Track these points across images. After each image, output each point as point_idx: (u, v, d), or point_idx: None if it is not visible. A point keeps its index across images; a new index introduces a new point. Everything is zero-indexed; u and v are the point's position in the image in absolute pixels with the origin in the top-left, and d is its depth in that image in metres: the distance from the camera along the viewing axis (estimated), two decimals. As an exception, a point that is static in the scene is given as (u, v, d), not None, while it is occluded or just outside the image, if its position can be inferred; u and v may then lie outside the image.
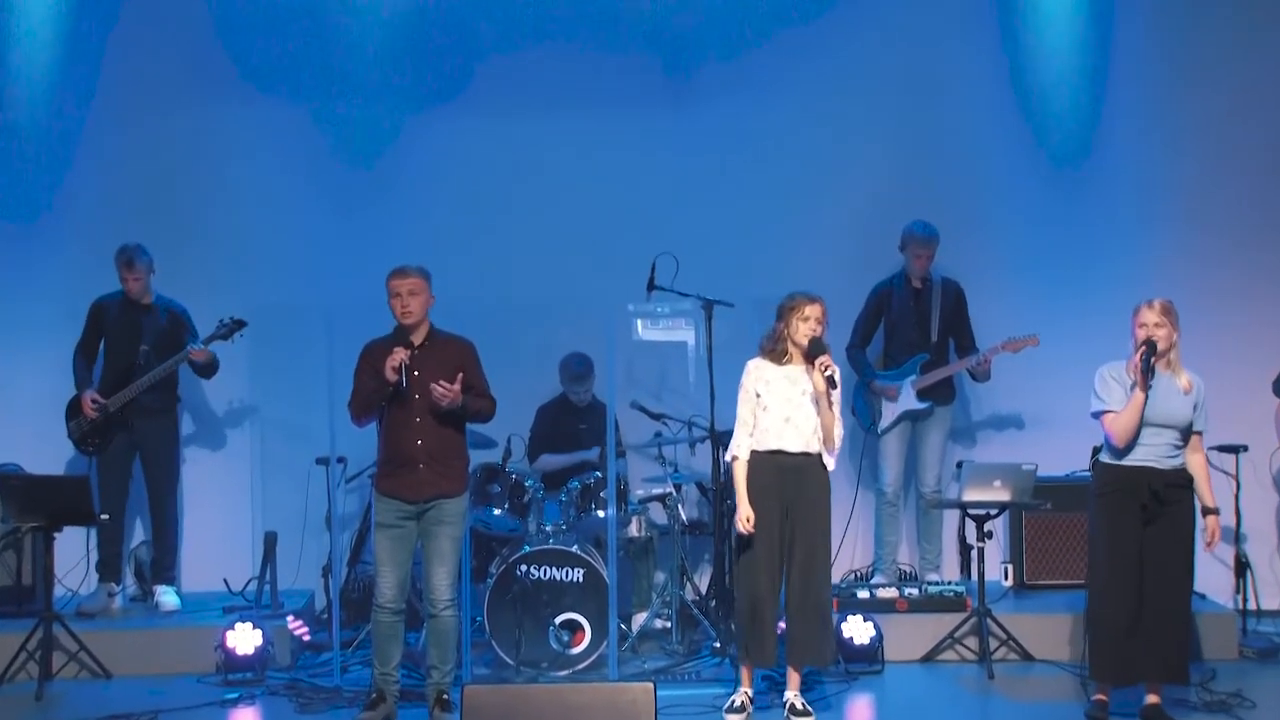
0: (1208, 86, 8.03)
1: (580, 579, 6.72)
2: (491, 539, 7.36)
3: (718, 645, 6.88)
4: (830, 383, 5.86)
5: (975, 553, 6.83)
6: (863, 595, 7.12)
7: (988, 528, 6.82)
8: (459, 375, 5.90)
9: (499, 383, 6.15)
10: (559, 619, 6.69)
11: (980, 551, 6.81)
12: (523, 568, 6.70)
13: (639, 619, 7.25)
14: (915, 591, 7.12)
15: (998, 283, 7.96)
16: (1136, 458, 5.77)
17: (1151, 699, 5.89)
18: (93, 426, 7.19)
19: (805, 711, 5.98)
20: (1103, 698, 5.92)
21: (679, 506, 7.29)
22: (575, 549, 6.79)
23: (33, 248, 7.88)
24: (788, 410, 5.95)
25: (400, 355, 5.82)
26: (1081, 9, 8.13)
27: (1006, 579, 7.67)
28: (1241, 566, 7.43)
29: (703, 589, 7.58)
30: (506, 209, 7.99)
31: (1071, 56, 8.12)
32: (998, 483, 6.78)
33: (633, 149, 8.03)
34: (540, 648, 6.66)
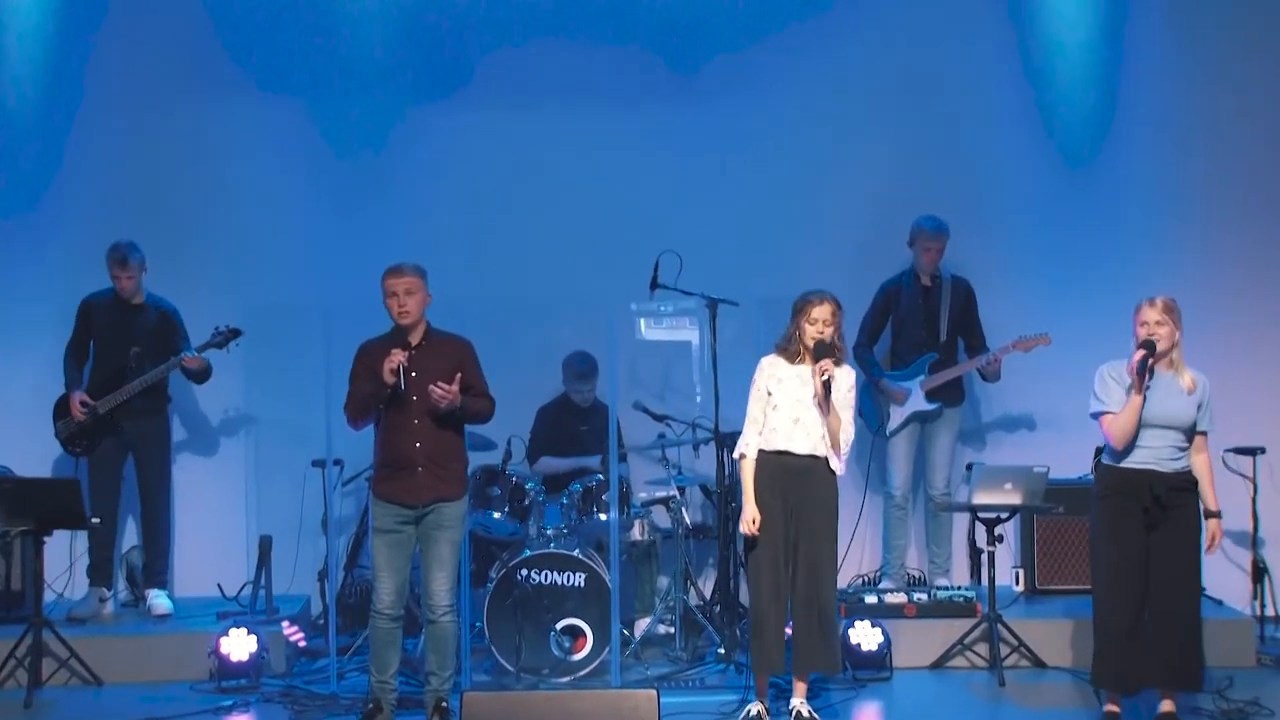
0: (1220, 85, 8.01)
1: (582, 584, 6.70)
2: (491, 543, 7.33)
3: (722, 651, 6.85)
4: (826, 388, 5.78)
5: (985, 557, 6.80)
6: (870, 600, 7.09)
7: (998, 531, 6.79)
8: (457, 376, 5.85)
9: (498, 383, 6.12)
10: (560, 625, 6.65)
11: (991, 556, 6.77)
12: (523, 572, 6.68)
13: (642, 624, 7.23)
14: (924, 597, 7.09)
15: (1008, 281, 7.93)
16: (1138, 459, 5.73)
17: (1166, 706, 5.84)
18: (81, 428, 7.15)
19: (811, 719, 5.92)
20: (1114, 708, 5.87)
21: (683, 510, 7.28)
22: (577, 553, 6.75)
23: (22, 246, 7.82)
24: (797, 411, 5.89)
25: (398, 357, 5.76)
26: (1094, 5, 8.09)
27: (1018, 584, 7.65)
28: (1259, 572, 7.41)
29: (707, 594, 7.55)
30: (507, 207, 7.97)
31: (1083, 53, 8.09)
32: (1008, 485, 6.74)
33: (635, 146, 8.01)
34: (541, 654, 6.63)
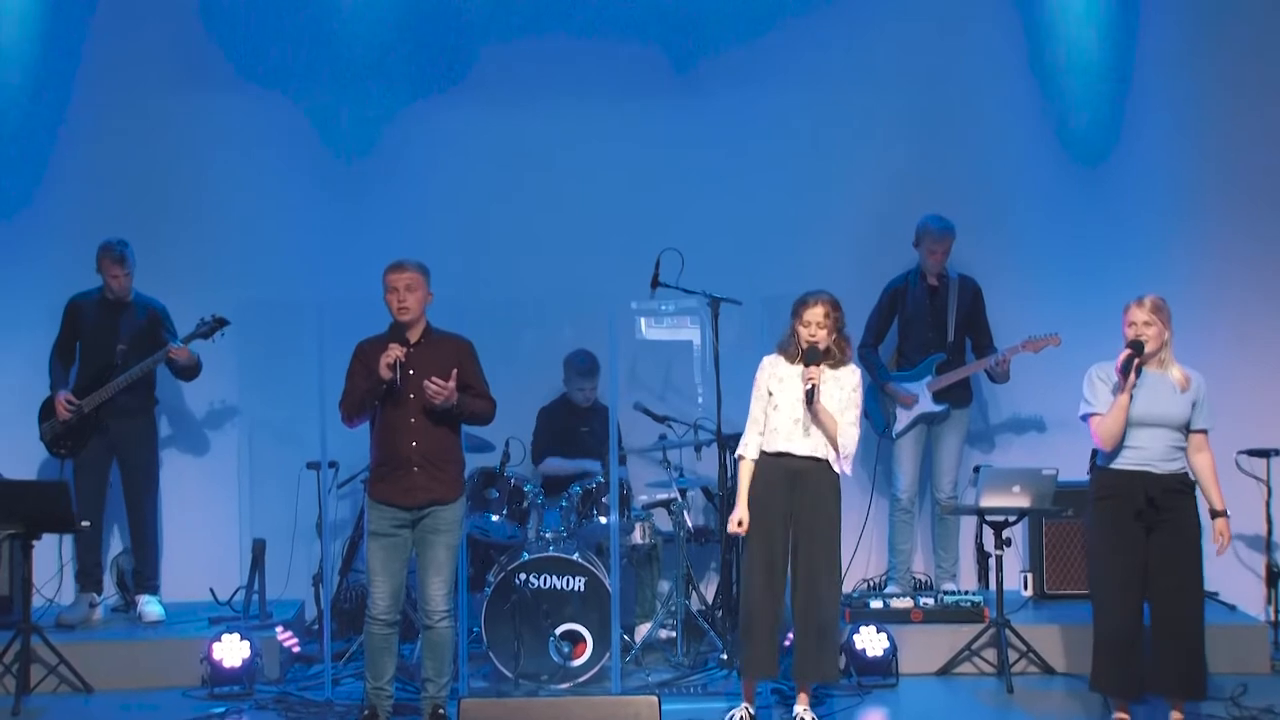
0: (1233, 83, 7.96)
1: (582, 588, 6.68)
2: (489, 546, 7.31)
3: (724, 657, 6.84)
4: (808, 398, 5.76)
5: (993, 561, 6.77)
6: (876, 605, 7.07)
7: (1006, 535, 6.76)
8: (454, 372, 5.81)
9: (497, 383, 6.09)
10: (559, 630, 6.63)
11: (999, 560, 6.74)
12: (522, 576, 6.66)
13: (643, 630, 7.20)
14: (931, 601, 7.08)
15: (1017, 281, 7.88)
16: (1131, 461, 5.72)
17: (1176, 716, 5.79)
18: (66, 428, 7.10)
19: (814, 727, 5.93)
20: (1124, 716, 5.82)
21: (684, 512, 7.25)
22: (576, 557, 6.73)
23: (9, 244, 7.76)
24: (798, 411, 5.87)
25: (396, 352, 5.75)
26: (1105, 1, 8.04)
27: (1026, 588, 7.62)
28: (1273, 576, 7.38)
29: (709, 598, 7.51)
30: (506, 202, 7.92)
31: (1095, 50, 8.04)
32: (1017, 488, 6.69)
33: (636, 142, 7.97)
34: (540, 660, 6.60)
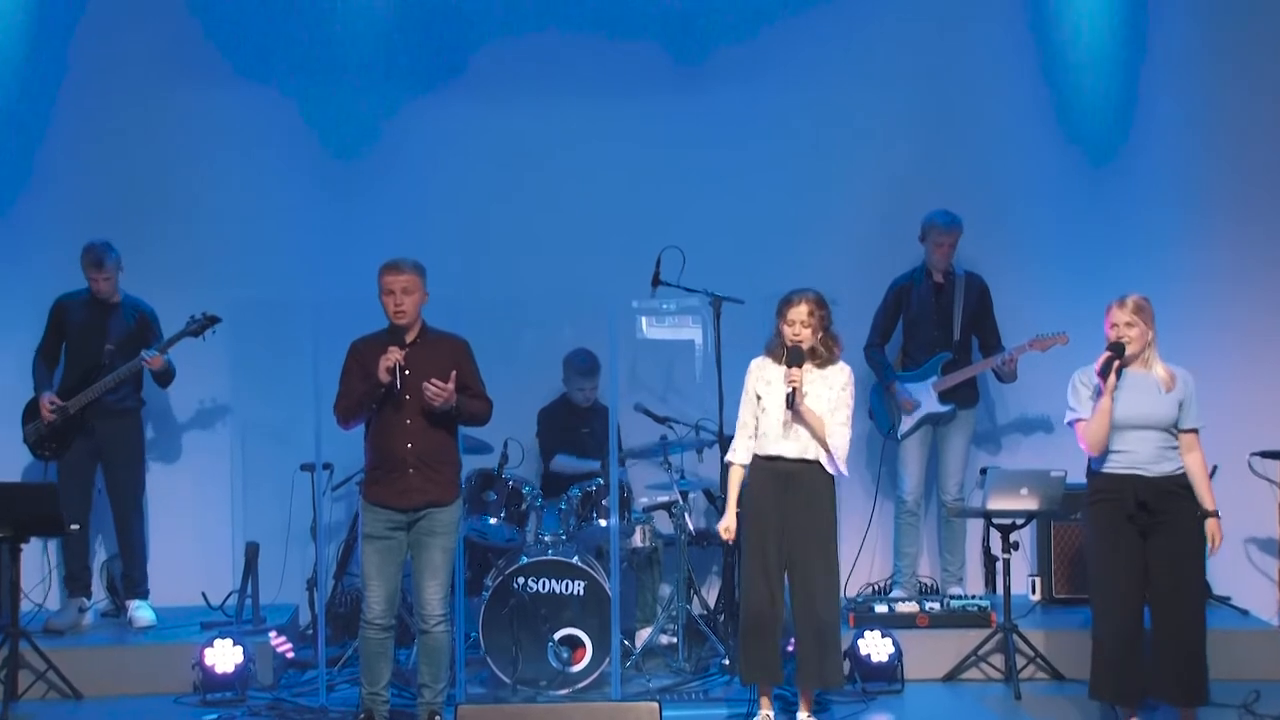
0: (1244, 80, 7.89)
1: (581, 592, 6.64)
2: (487, 550, 7.27)
3: (726, 662, 6.80)
4: (789, 401, 5.71)
5: (1001, 565, 6.71)
6: (881, 610, 7.02)
7: (1014, 538, 6.70)
8: (453, 374, 5.77)
9: (495, 384, 6.08)
10: (558, 635, 6.59)
11: (1006, 563, 6.68)
12: (520, 580, 6.62)
13: (643, 635, 7.17)
14: (937, 606, 7.03)
15: (1025, 279, 7.82)
16: (1121, 464, 5.70)
17: None
18: (51, 430, 7.04)
19: (818, 733, 5.91)
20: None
21: (685, 515, 7.19)
22: (576, 560, 6.70)
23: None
24: (786, 413, 5.80)
25: (395, 356, 5.73)
26: (1116, -4, 8.09)
27: (1034, 593, 7.55)
28: None
29: (711, 603, 7.47)
30: (504, 201, 7.87)
31: (1105, 45, 7.97)
32: (1024, 490, 6.63)
33: (637, 139, 7.92)
34: (538, 665, 6.57)
